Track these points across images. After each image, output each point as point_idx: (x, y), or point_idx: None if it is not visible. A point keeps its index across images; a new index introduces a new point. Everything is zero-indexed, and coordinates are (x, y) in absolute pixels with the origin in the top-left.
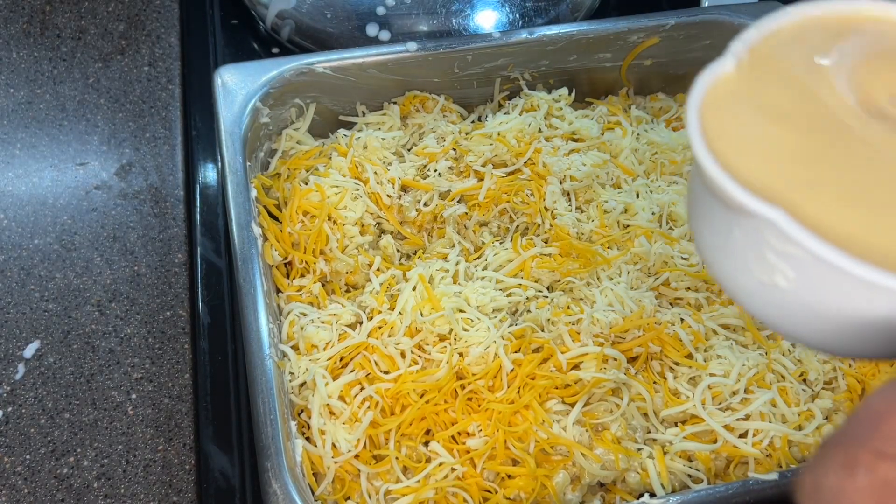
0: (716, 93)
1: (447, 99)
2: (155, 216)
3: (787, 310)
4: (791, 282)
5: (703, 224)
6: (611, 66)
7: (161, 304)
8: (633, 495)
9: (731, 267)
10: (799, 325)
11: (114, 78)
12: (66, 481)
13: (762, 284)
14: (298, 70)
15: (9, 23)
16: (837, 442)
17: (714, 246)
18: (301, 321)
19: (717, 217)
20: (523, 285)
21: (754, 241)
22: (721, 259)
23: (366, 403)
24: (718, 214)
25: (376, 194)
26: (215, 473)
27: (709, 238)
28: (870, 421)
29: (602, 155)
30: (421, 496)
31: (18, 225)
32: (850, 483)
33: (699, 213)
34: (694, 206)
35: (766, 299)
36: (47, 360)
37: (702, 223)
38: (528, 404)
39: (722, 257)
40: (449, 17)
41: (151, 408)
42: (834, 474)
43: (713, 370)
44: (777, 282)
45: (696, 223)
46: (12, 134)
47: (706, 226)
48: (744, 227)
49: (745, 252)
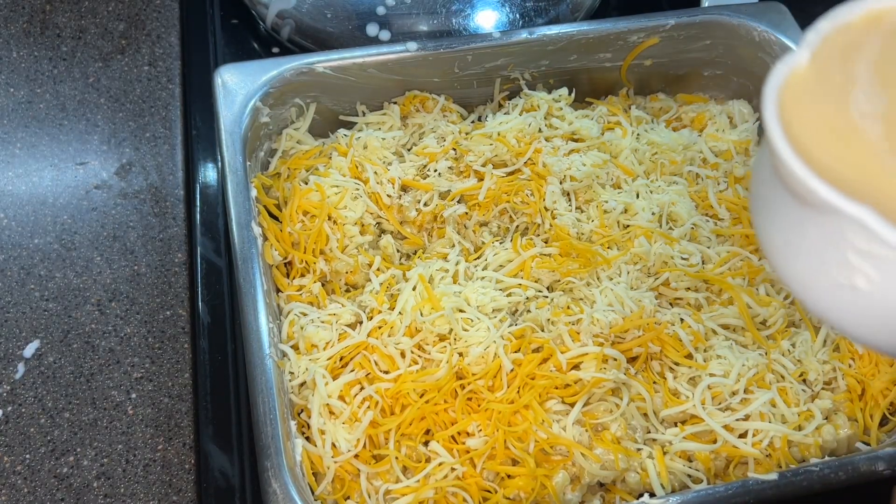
0: (792, 84)
1: (447, 99)
2: (155, 216)
3: (864, 312)
4: (873, 283)
5: (769, 217)
6: (611, 66)
7: (161, 303)
8: (632, 495)
9: (803, 267)
10: (874, 328)
11: (114, 77)
12: (66, 481)
13: (838, 286)
14: (298, 70)
15: (9, 22)
16: None
17: (782, 242)
18: (301, 321)
19: (789, 213)
20: (523, 285)
21: (834, 241)
22: (790, 258)
23: (366, 403)
24: (791, 210)
25: (376, 194)
26: (215, 473)
27: (776, 233)
28: None
29: (602, 155)
30: (421, 496)
31: (18, 224)
32: None
33: (764, 204)
34: (758, 195)
35: (840, 301)
36: (47, 359)
37: (767, 216)
38: (527, 404)
39: (792, 256)
40: (449, 17)
41: (151, 407)
42: None
43: (713, 370)
44: (857, 283)
45: (759, 214)
46: (12, 133)
47: (773, 219)
48: (821, 225)
49: (821, 251)
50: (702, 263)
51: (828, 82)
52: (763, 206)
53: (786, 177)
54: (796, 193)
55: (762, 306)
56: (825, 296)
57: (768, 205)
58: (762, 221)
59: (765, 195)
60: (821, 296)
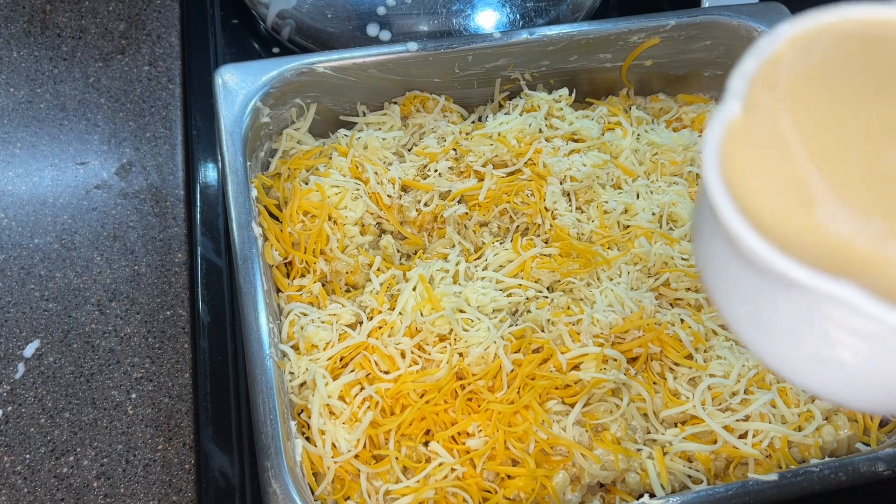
0: (730, 140)
1: (448, 99)
2: (155, 216)
3: (852, 383)
4: (861, 355)
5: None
6: (611, 66)
7: (161, 303)
8: (632, 496)
9: (776, 341)
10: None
11: (114, 77)
12: (66, 480)
13: (820, 360)
14: (299, 70)
15: (9, 22)
16: None
17: (748, 317)
18: (301, 321)
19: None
20: (523, 285)
21: (811, 317)
22: (759, 332)
23: (366, 403)
24: (755, 283)
25: (377, 194)
26: (215, 473)
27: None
28: None
29: (602, 155)
30: (421, 496)
31: (19, 224)
32: None
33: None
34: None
35: (823, 374)
36: (47, 359)
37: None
38: (527, 404)
39: (761, 330)
40: (449, 18)
41: (151, 407)
42: None
43: (713, 371)
44: (842, 357)
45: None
46: (13, 133)
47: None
48: (794, 301)
49: (797, 327)
50: None
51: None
52: (718, 275)
53: (746, 255)
54: (761, 271)
55: None
56: (805, 369)
57: (725, 275)
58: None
59: (718, 264)
60: (800, 370)
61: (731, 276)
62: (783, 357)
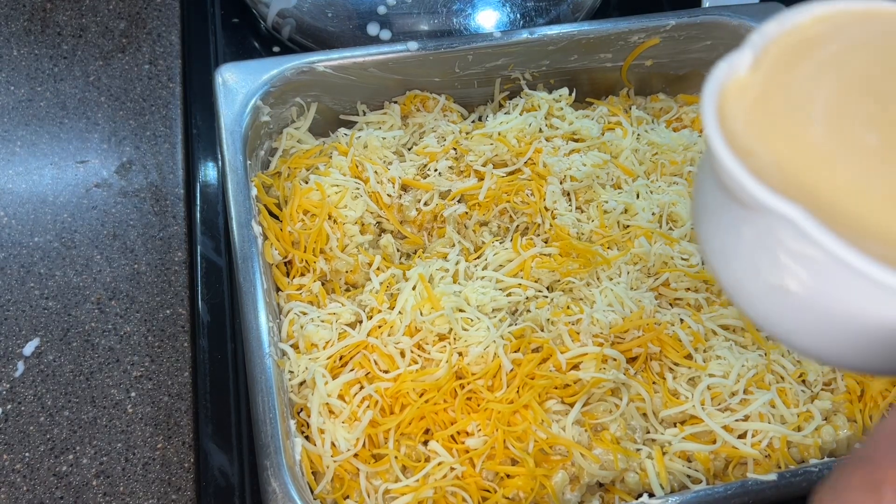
0: (736, 82)
1: (448, 98)
2: (155, 214)
3: (797, 316)
4: (804, 286)
5: (708, 219)
6: (611, 66)
7: (161, 302)
8: (631, 495)
9: (738, 269)
10: (805, 333)
11: (114, 76)
12: (66, 479)
13: (771, 288)
14: (299, 69)
15: (10, 20)
16: (861, 459)
17: (719, 245)
18: (301, 320)
19: (724, 212)
20: (523, 285)
21: (766, 241)
22: (726, 260)
23: (365, 402)
24: (726, 209)
25: (376, 193)
26: (214, 472)
27: (713, 236)
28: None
29: (602, 155)
30: (420, 495)
31: (18, 223)
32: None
33: (704, 207)
34: (699, 199)
35: (773, 305)
36: (47, 357)
37: (706, 218)
38: (527, 404)
39: (727, 257)
40: (450, 17)
41: (151, 406)
42: (858, 493)
43: (712, 371)
44: (789, 285)
45: (699, 218)
46: (13, 132)
47: (711, 221)
48: (755, 225)
49: (754, 252)
50: (702, 264)
51: (772, 82)
52: (703, 208)
53: (719, 172)
54: (730, 190)
55: None
56: (759, 300)
57: (707, 207)
58: (702, 224)
59: (704, 198)
60: (755, 300)
61: (711, 207)
62: (743, 288)
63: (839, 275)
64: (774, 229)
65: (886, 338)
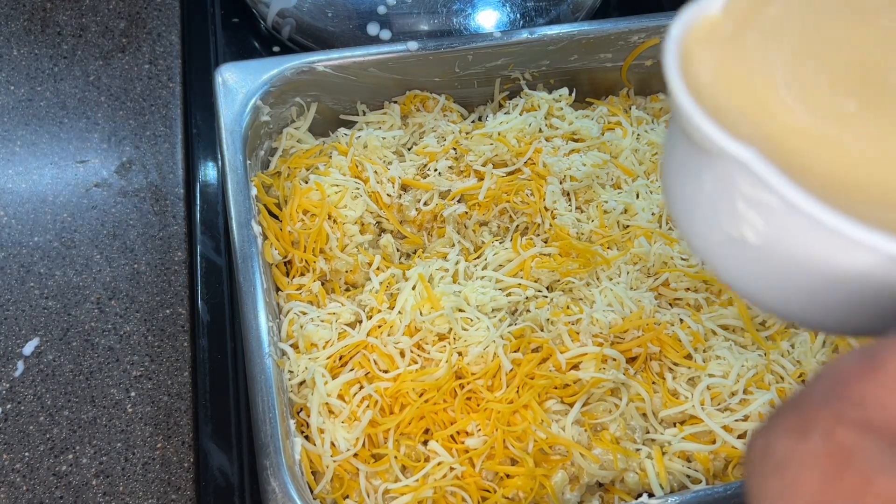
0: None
1: (448, 98)
2: (155, 214)
3: (754, 268)
4: (761, 236)
5: (672, 170)
6: (611, 66)
7: (161, 301)
8: (631, 495)
9: (699, 219)
10: (764, 287)
11: (114, 76)
12: (65, 479)
13: (730, 239)
14: (299, 69)
15: (10, 20)
16: (795, 404)
17: (681, 195)
18: (301, 320)
19: (688, 162)
20: (523, 285)
21: (725, 188)
22: (688, 211)
23: (365, 402)
24: (688, 158)
25: (376, 193)
26: (214, 471)
27: (677, 189)
28: (833, 384)
29: (602, 155)
30: (420, 495)
31: (18, 222)
32: (801, 447)
33: (669, 157)
34: (666, 151)
35: (732, 257)
36: (46, 357)
37: (671, 169)
38: (527, 404)
39: (690, 209)
40: (450, 17)
41: (150, 405)
42: (786, 437)
43: (712, 371)
44: (746, 235)
45: (665, 171)
46: (13, 131)
47: (675, 172)
48: (714, 172)
49: (714, 201)
50: (702, 264)
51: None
52: (668, 159)
53: (678, 116)
54: (688, 134)
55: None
56: (719, 251)
57: (672, 157)
58: (667, 177)
59: (670, 148)
60: (715, 251)
61: (675, 157)
62: (705, 240)
63: (793, 222)
64: (731, 174)
65: (845, 291)
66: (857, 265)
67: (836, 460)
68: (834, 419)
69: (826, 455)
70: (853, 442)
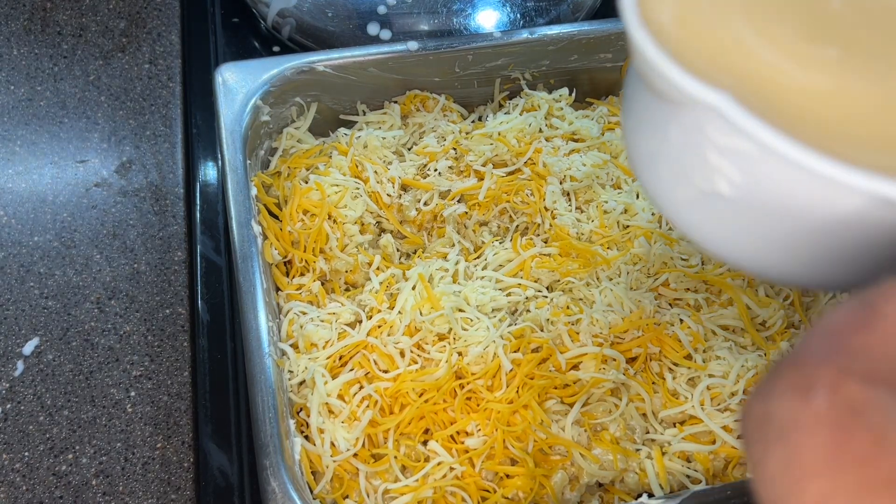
0: None
1: (448, 98)
2: (155, 214)
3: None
4: (736, 187)
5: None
6: (612, 66)
7: (160, 301)
8: (631, 496)
9: (667, 176)
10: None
11: (114, 75)
12: (65, 478)
13: (701, 194)
14: (299, 68)
15: (10, 20)
16: (792, 363)
17: (647, 154)
18: (300, 319)
19: (652, 116)
20: (523, 285)
21: (694, 139)
22: (655, 168)
23: (365, 402)
24: (654, 112)
25: (376, 193)
26: (214, 471)
27: (641, 145)
28: (832, 337)
29: (602, 155)
30: (419, 495)
31: (18, 222)
32: (805, 407)
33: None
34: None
35: (705, 213)
36: (46, 357)
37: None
38: (526, 404)
39: (656, 166)
40: (450, 17)
41: (150, 405)
42: (787, 399)
43: (712, 371)
44: (719, 188)
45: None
46: (12, 131)
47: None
48: (682, 123)
49: (682, 155)
50: (701, 264)
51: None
52: (628, 114)
53: (639, 64)
54: (653, 85)
55: (762, 307)
56: (690, 209)
57: (632, 111)
58: (629, 133)
59: (631, 102)
60: (686, 209)
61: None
62: (672, 196)
63: (771, 168)
64: (701, 123)
65: (829, 240)
66: (841, 209)
67: (845, 418)
68: (837, 374)
69: (833, 413)
70: (861, 395)
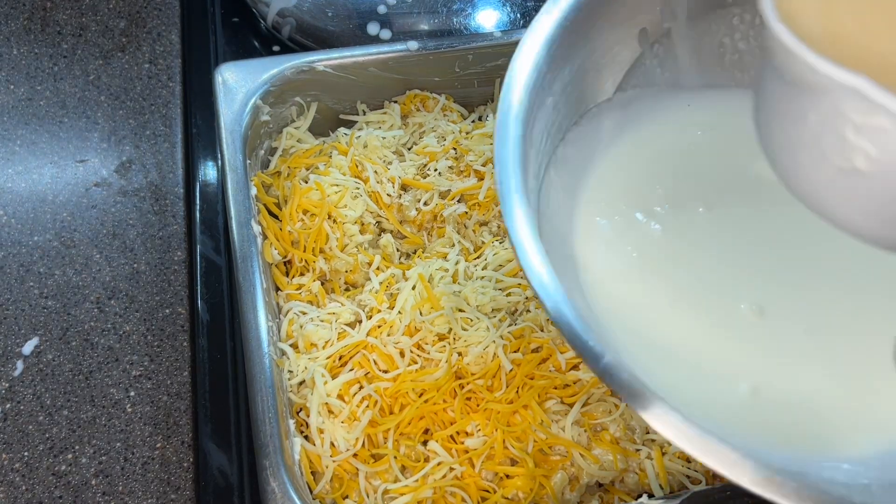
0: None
1: (448, 98)
2: (155, 213)
3: (868, 197)
4: (873, 161)
5: (772, 117)
6: None
7: (160, 301)
8: (631, 496)
9: (805, 160)
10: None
11: (114, 75)
12: (65, 478)
13: (840, 172)
14: (299, 68)
15: (9, 19)
16: None
17: (784, 140)
18: (300, 319)
19: (789, 104)
20: (523, 285)
21: (831, 121)
22: (792, 154)
23: (364, 402)
24: (791, 101)
25: (376, 193)
26: (213, 471)
27: (778, 133)
28: None
29: None
30: (419, 495)
31: (18, 221)
32: None
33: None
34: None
35: (844, 191)
36: (46, 356)
37: (770, 118)
38: (526, 404)
39: (793, 151)
40: (450, 16)
41: (150, 405)
42: None
43: None
44: (857, 164)
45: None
46: (12, 130)
47: (775, 118)
48: (819, 107)
49: (820, 137)
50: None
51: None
52: (764, 104)
53: (778, 55)
54: (792, 74)
55: None
56: (829, 188)
57: (770, 103)
58: (765, 125)
59: (766, 101)
60: (825, 189)
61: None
62: (810, 178)
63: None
64: (839, 106)
65: None
66: None
67: None
68: None
69: None
70: None
